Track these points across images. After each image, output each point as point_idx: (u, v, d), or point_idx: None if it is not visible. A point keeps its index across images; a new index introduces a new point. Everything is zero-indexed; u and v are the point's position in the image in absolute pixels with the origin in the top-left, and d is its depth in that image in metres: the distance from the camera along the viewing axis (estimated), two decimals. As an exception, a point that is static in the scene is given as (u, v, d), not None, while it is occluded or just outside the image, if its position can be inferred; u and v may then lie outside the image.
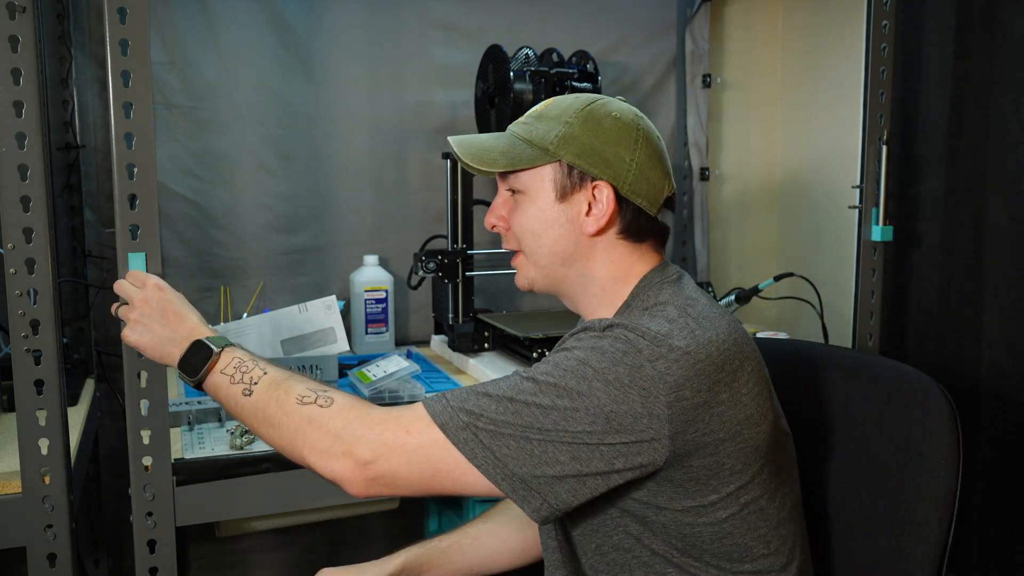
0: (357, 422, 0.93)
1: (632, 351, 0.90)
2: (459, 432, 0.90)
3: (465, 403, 0.91)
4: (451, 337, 1.88)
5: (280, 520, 1.55)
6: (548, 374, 0.91)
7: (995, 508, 1.62)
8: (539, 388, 0.90)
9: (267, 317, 1.74)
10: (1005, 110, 1.61)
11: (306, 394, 0.96)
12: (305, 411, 0.95)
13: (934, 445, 1.03)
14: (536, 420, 0.89)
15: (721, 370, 0.92)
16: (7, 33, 1.08)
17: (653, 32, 2.27)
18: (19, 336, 1.12)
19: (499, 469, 0.89)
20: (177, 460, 1.27)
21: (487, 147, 1.06)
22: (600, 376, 0.89)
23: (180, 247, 1.93)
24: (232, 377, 1.02)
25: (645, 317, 0.95)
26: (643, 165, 1.01)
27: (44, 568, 1.17)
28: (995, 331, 1.63)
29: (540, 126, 1.04)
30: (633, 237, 1.03)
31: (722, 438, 0.92)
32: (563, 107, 1.04)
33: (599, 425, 0.88)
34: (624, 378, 0.89)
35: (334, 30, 2.00)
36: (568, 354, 0.93)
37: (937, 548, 1.00)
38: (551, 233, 1.03)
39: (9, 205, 1.11)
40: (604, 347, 0.91)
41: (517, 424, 0.89)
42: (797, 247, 2.32)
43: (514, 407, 0.90)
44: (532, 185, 1.04)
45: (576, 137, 1.01)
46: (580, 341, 0.94)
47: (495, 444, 0.89)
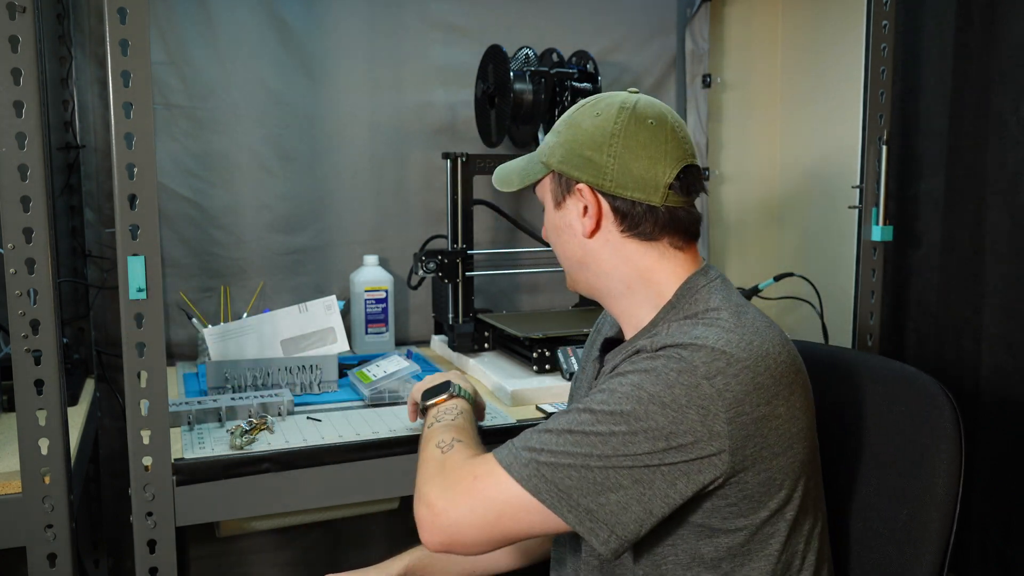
0: (443, 469, 0.97)
1: (687, 370, 0.89)
2: (522, 469, 0.90)
3: (528, 442, 0.93)
4: (451, 337, 1.88)
5: (280, 520, 1.55)
6: (604, 403, 0.91)
7: (995, 508, 1.62)
8: (596, 418, 0.90)
9: (267, 317, 1.74)
10: (1005, 110, 1.61)
11: (445, 440, 1.04)
12: (430, 453, 1.02)
13: (936, 445, 1.03)
14: (596, 448, 0.88)
15: (779, 383, 0.92)
16: (7, 33, 1.08)
17: (653, 32, 2.27)
18: (19, 336, 1.12)
19: (563, 501, 0.88)
20: (177, 460, 1.27)
21: (510, 168, 1.13)
22: (656, 399, 0.88)
23: (180, 247, 1.93)
24: (436, 414, 1.16)
25: (700, 327, 0.94)
26: (622, 157, 1.00)
27: (44, 568, 1.17)
28: (995, 331, 1.63)
29: (547, 139, 1.07)
30: (644, 236, 1.01)
31: (777, 452, 0.91)
32: (562, 117, 1.08)
33: (659, 445, 0.87)
34: (681, 399, 0.88)
35: (334, 30, 2.00)
36: (622, 379, 0.92)
37: (939, 548, 1.00)
38: (561, 240, 1.07)
39: (9, 205, 1.11)
40: (658, 368, 0.90)
41: (577, 453, 0.89)
42: (797, 247, 2.32)
43: (574, 438, 0.90)
44: (544, 198, 1.09)
45: (561, 144, 1.04)
46: (633, 364, 0.93)
47: (557, 476, 0.89)
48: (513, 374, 1.70)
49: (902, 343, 1.88)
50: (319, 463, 1.35)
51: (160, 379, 1.20)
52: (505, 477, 0.91)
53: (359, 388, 1.62)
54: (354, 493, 1.39)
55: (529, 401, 1.60)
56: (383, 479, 1.38)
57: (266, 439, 1.38)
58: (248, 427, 1.39)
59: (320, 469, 1.35)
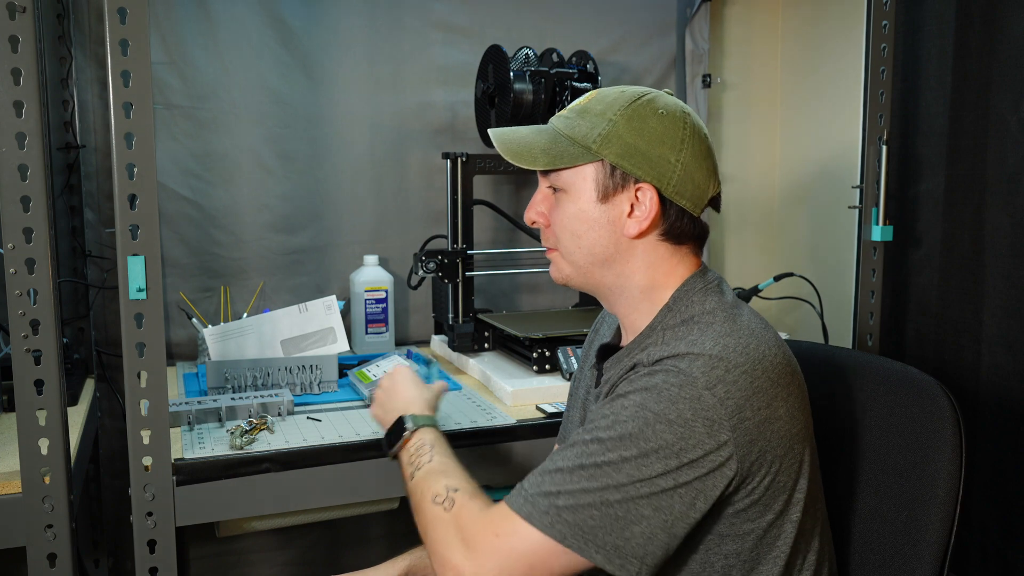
0: (461, 532, 0.93)
1: (688, 383, 0.88)
2: (543, 518, 0.88)
3: (541, 487, 0.90)
4: (451, 337, 1.88)
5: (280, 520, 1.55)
6: (609, 428, 0.90)
7: (995, 508, 1.62)
8: (605, 446, 0.89)
9: (267, 317, 1.74)
10: (1005, 110, 1.61)
11: (439, 493, 0.98)
12: (432, 511, 0.97)
13: (937, 446, 1.03)
14: (611, 478, 0.87)
15: (777, 384, 0.91)
16: (7, 33, 1.08)
17: (653, 32, 2.27)
18: (19, 336, 1.12)
19: (590, 543, 0.87)
20: (177, 460, 1.27)
21: (529, 142, 1.03)
22: (662, 418, 0.87)
23: (180, 247, 1.93)
24: (410, 460, 1.07)
25: (694, 332, 0.94)
26: (688, 165, 0.98)
27: (44, 568, 1.17)
28: (995, 331, 1.63)
29: (583, 123, 1.01)
30: (674, 239, 1.01)
31: (780, 454, 0.91)
32: (607, 102, 1.01)
33: (672, 464, 0.87)
34: (686, 413, 0.87)
35: (334, 30, 2.00)
36: (624, 401, 0.91)
37: (939, 549, 1.00)
38: (591, 234, 1.01)
39: (9, 205, 1.11)
40: (658, 385, 0.89)
41: (594, 488, 0.87)
42: (797, 247, 2.32)
43: (587, 472, 0.88)
44: (574, 184, 1.01)
45: (620, 136, 0.98)
46: (632, 384, 0.92)
47: (579, 518, 0.87)
48: (513, 374, 1.70)
49: (902, 343, 1.88)
50: (319, 463, 1.35)
51: (160, 379, 1.20)
52: (527, 528, 0.89)
53: (359, 388, 1.62)
54: (354, 493, 1.39)
55: (529, 401, 1.60)
56: (383, 479, 1.38)
57: (266, 439, 1.38)
58: (248, 427, 1.39)
59: (320, 469, 1.35)
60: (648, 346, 0.98)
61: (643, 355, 0.95)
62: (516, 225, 2.13)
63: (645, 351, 0.96)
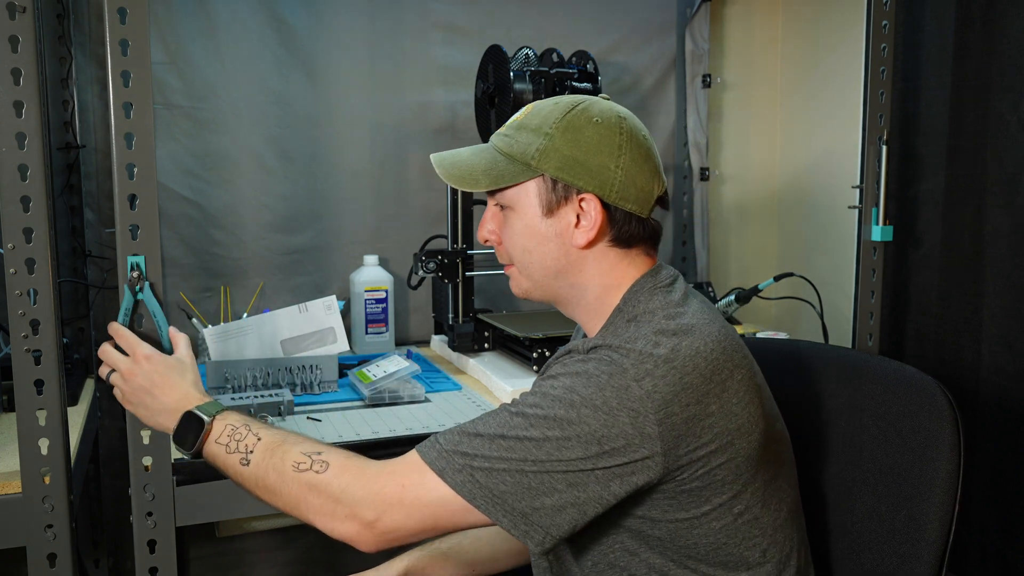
0: (354, 484, 0.93)
1: (617, 372, 0.89)
2: (455, 475, 0.90)
3: (458, 446, 0.91)
4: (451, 337, 1.88)
5: (280, 520, 1.55)
6: (536, 406, 0.91)
7: (995, 508, 1.62)
8: (529, 422, 0.90)
9: (267, 317, 1.74)
10: (1005, 110, 1.61)
11: (301, 460, 0.96)
12: (303, 478, 0.95)
13: (935, 447, 1.03)
14: (529, 453, 0.89)
15: (709, 381, 0.91)
16: (7, 33, 1.08)
17: (653, 32, 2.27)
18: (19, 336, 1.12)
19: (499, 506, 0.89)
20: (177, 460, 1.27)
21: (469, 165, 1.04)
22: (588, 403, 0.89)
23: (180, 247, 1.93)
24: (227, 447, 1.02)
25: (631, 329, 0.95)
26: (629, 170, 0.99)
27: (44, 568, 1.17)
28: (995, 331, 1.63)
29: (521, 138, 1.01)
30: (624, 244, 1.02)
31: (713, 450, 0.91)
32: (542, 116, 1.01)
33: (592, 450, 0.88)
34: (612, 401, 0.88)
35: (334, 30, 2.00)
36: (554, 382, 0.92)
37: (938, 549, 1.00)
38: (541, 248, 1.02)
39: (9, 205, 1.11)
40: (589, 371, 0.91)
41: (511, 459, 0.89)
42: (797, 247, 2.32)
43: (507, 443, 0.90)
44: (518, 200, 1.02)
45: (557, 149, 0.99)
46: (565, 367, 0.94)
47: (491, 482, 0.89)
48: (513, 374, 1.70)
49: (902, 343, 1.88)
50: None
51: (160, 379, 1.19)
52: (437, 482, 0.90)
53: (359, 388, 1.62)
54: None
55: (529, 401, 1.60)
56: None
57: (266, 439, 1.38)
58: (248, 427, 1.39)
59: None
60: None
61: (579, 343, 0.97)
62: (516, 225, 2.12)
63: (583, 341, 0.98)
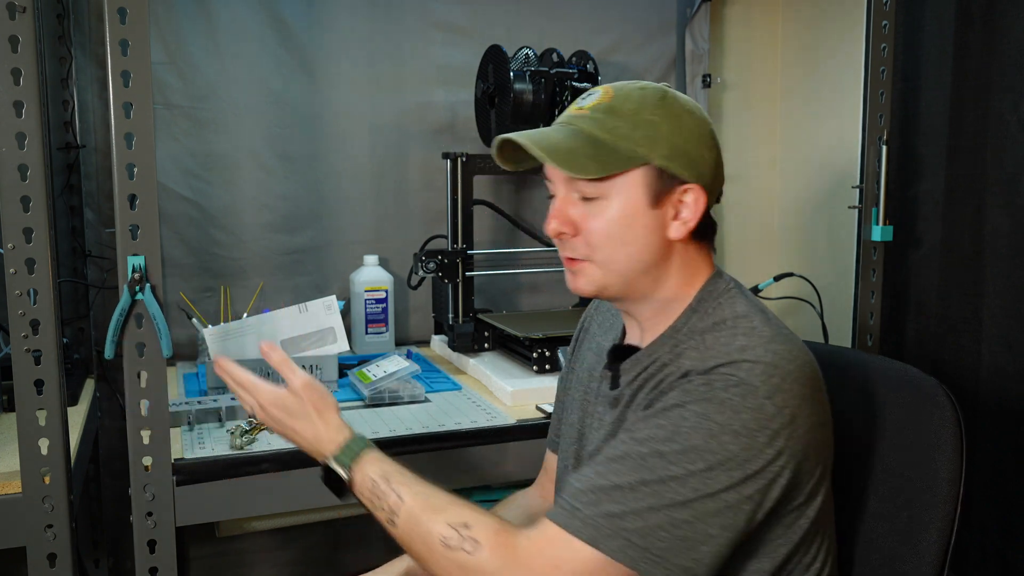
0: (507, 568, 0.86)
1: (749, 392, 0.86)
2: (610, 542, 0.83)
3: (600, 506, 0.85)
4: (451, 337, 1.88)
5: (280, 520, 1.55)
6: (670, 440, 0.86)
7: (995, 508, 1.62)
8: (668, 460, 0.85)
9: (267, 317, 1.74)
10: (1005, 110, 1.61)
11: (448, 535, 0.89)
12: (454, 557, 0.88)
13: (937, 447, 1.02)
14: (677, 494, 0.84)
15: (819, 390, 0.92)
16: (7, 33, 1.08)
17: (653, 32, 2.27)
18: (19, 336, 1.12)
19: (660, 566, 0.84)
20: (177, 460, 1.27)
21: (568, 148, 0.95)
22: (727, 429, 0.85)
23: (180, 247, 1.93)
24: (372, 502, 0.96)
25: (739, 338, 0.92)
26: (718, 161, 0.98)
27: (44, 568, 1.17)
28: (995, 331, 1.63)
29: (618, 124, 0.95)
30: (702, 238, 1.00)
31: (821, 459, 0.92)
32: (636, 101, 0.96)
33: (736, 476, 0.85)
34: (750, 423, 0.85)
35: (334, 30, 2.00)
36: (683, 411, 0.87)
37: (939, 550, 1.00)
38: (640, 241, 0.96)
39: (9, 205, 1.11)
40: (719, 396, 0.86)
41: (661, 507, 0.84)
42: (797, 247, 2.32)
43: (650, 489, 0.84)
44: (620, 190, 0.95)
45: (664, 137, 0.94)
46: (688, 394, 0.88)
47: (648, 542, 0.83)
48: (513, 374, 1.70)
49: (902, 343, 1.88)
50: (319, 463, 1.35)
51: (160, 379, 1.20)
52: (591, 553, 0.84)
53: (359, 388, 1.62)
54: (354, 493, 1.39)
55: (529, 401, 1.60)
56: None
57: (266, 439, 1.38)
58: (248, 427, 1.39)
59: (320, 469, 1.35)
60: (684, 351, 0.95)
61: (687, 362, 0.92)
62: (516, 225, 2.13)
63: (683, 356, 0.94)
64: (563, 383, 1.22)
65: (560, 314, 2.06)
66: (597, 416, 1.06)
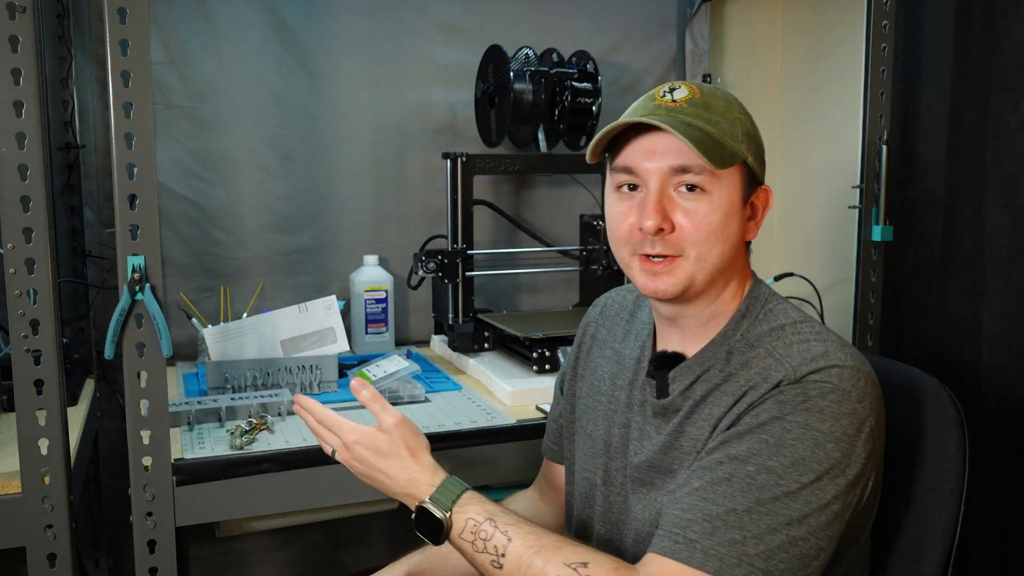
0: None
1: (844, 397, 0.87)
2: (735, 571, 0.82)
3: (719, 534, 0.83)
4: (451, 337, 1.88)
5: (280, 520, 1.55)
6: (777, 454, 0.85)
7: (995, 508, 1.62)
8: (777, 475, 0.84)
9: (267, 317, 1.74)
10: (1005, 110, 1.61)
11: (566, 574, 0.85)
12: None
13: (940, 449, 1.02)
14: (791, 510, 0.83)
15: (880, 389, 0.93)
16: (7, 33, 1.08)
17: (653, 32, 2.27)
18: (19, 336, 1.12)
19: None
20: (177, 460, 1.27)
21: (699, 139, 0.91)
22: (831, 437, 0.85)
23: (180, 247, 1.93)
24: (474, 544, 0.92)
25: (813, 344, 0.91)
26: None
27: (44, 568, 1.17)
28: (995, 331, 1.63)
29: (720, 119, 0.94)
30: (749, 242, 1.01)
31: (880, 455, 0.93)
32: (719, 97, 0.96)
33: (841, 484, 0.85)
34: (849, 429, 0.86)
35: (334, 30, 2.00)
36: (783, 423, 0.86)
37: (943, 551, 1.00)
38: (731, 239, 0.95)
39: (9, 205, 1.11)
40: (818, 404, 0.86)
41: (779, 526, 0.83)
42: (797, 247, 2.32)
43: (766, 508, 0.83)
44: (724, 186, 0.93)
45: (751, 136, 0.96)
46: (785, 405, 0.87)
47: (771, 564, 0.82)
48: (513, 374, 1.70)
49: (902, 343, 1.88)
50: (319, 463, 1.35)
51: (160, 379, 1.20)
52: None
53: (359, 388, 1.62)
54: (354, 493, 1.39)
55: (529, 401, 1.60)
56: (383, 479, 1.38)
57: (266, 439, 1.38)
58: (248, 427, 1.39)
59: (320, 469, 1.35)
60: (750, 360, 0.93)
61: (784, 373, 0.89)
62: (516, 225, 2.13)
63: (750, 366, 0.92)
64: (566, 392, 1.18)
65: (560, 314, 2.06)
66: (637, 426, 1.03)
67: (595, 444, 1.09)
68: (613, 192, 0.98)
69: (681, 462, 0.95)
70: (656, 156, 0.93)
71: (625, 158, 0.95)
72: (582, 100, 1.96)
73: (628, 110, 0.98)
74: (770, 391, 0.89)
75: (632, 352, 1.08)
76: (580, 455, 1.13)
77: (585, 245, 1.99)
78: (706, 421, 0.94)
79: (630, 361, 1.08)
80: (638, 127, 0.94)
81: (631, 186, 0.96)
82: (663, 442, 0.98)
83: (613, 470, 1.05)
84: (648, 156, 0.93)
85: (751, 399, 0.90)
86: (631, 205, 0.96)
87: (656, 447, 0.99)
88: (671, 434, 0.97)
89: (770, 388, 0.89)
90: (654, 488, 0.98)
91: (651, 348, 1.05)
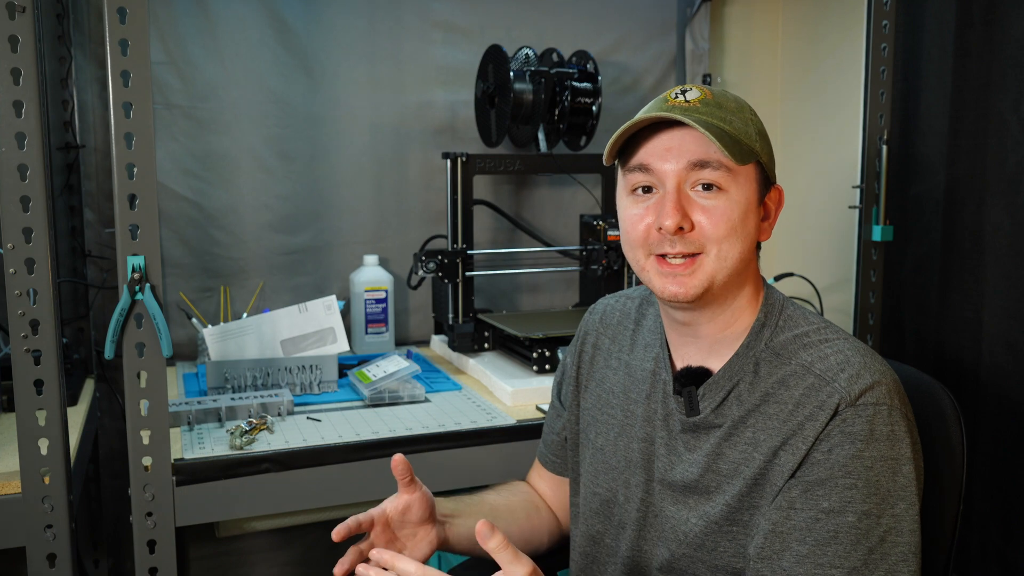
0: None
1: (898, 416, 0.87)
2: None
3: None
4: (451, 337, 1.88)
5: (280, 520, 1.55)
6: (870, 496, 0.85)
7: (995, 508, 1.62)
8: (875, 515, 0.85)
9: (267, 317, 1.74)
10: (1005, 110, 1.61)
11: None
12: None
13: (939, 449, 1.02)
14: (899, 545, 0.85)
15: None
16: (7, 33, 1.08)
17: (653, 32, 2.27)
18: (19, 336, 1.12)
19: None
20: (177, 460, 1.27)
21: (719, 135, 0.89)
22: (903, 459, 0.87)
23: (180, 247, 1.93)
24: None
25: (853, 355, 0.91)
26: None
27: (44, 568, 1.17)
28: (995, 331, 1.63)
29: (734, 119, 0.93)
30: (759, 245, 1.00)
31: None
32: (730, 98, 0.95)
33: (917, 501, 0.87)
34: (909, 442, 0.88)
35: (334, 30, 2.00)
36: (863, 461, 0.85)
37: (942, 550, 1.00)
38: (749, 238, 0.94)
39: (9, 205, 1.11)
40: (883, 431, 0.86)
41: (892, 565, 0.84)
42: (797, 247, 2.32)
43: (879, 554, 0.84)
44: (742, 183, 0.92)
45: (763, 135, 0.95)
46: (854, 438, 0.86)
47: None
48: (513, 374, 1.70)
49: (902, 343, 1.88)
50: (319, 463, 1.35)
51: (160, 379, 1.20)
52: None
53: (359, 388, 1.62)
54: (354, 493, 1.39)
55: (529, 401, 1.60)
56: (383, 479, 1.38)
57: (266, 439, 1.39)
58: (248, 427, 1.39)
59: (320, 469, 1.35)
60: (786, 377, 0.92)
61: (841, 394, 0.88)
62: (516, 225, 2.13)
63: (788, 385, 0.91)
64: (569, 404, 1.16)
65: (560, 314, 2.06)
66: (662, 441, 1.00)
67: (607, 458, 1.06)
68: (627, 195, 0.97)
69: (719, 484, 0.94)
70: (672, 154, 0.91)
71: (640, 157, 0.93)
72: (582, 100, 1.96)
73: (640, 112, 0.96)
74: (831, 420, 0.87)
75: (644, 364, 1.05)
76: (588, 469, 1.10)
77: (585, 245, 1.99)
78: (749, 445, 0.92)
79: (643, 374, 1.05)
80: (652, 128, 0.93)
81: (645, 188, 0.94)
82: (700, 463, 0.95)
83: (633, 485, 1.02)
84: (664, 155, 0.92)
85: (813, 431, 0.88)
86: (647, 206, 0.94)
87: (691, 467, 0.96)
88: (709, 455, 0.95)
89: (830, 417, 0.87)
90: (686, 507, 0.97)
91: (667, 360, 1.02)
